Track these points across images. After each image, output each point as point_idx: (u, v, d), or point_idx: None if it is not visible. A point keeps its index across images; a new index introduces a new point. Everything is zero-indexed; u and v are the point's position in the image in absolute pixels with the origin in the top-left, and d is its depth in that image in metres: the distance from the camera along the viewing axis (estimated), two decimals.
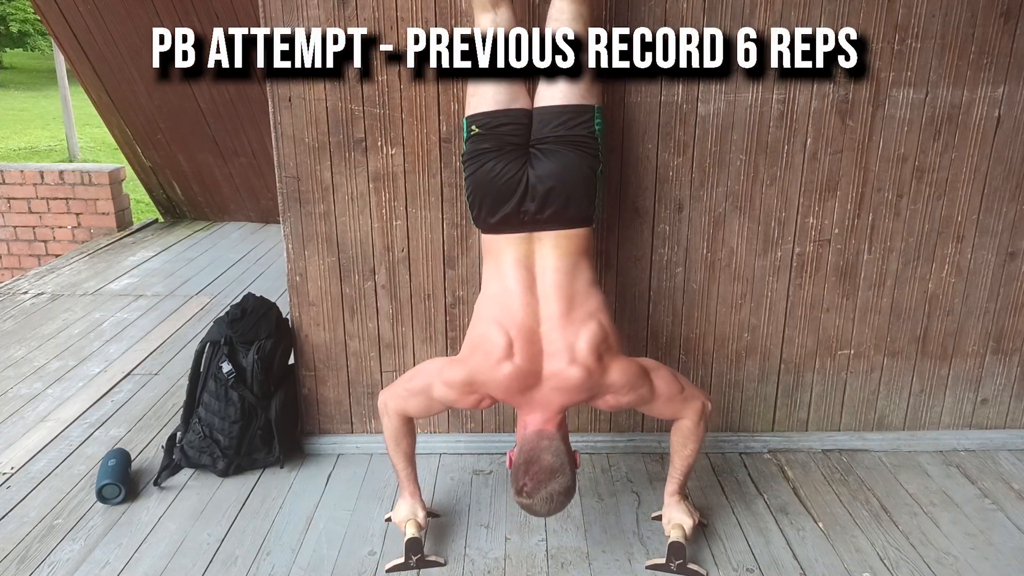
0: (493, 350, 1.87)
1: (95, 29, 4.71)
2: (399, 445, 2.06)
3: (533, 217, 1.91)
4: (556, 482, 1.81)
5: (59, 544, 2.12)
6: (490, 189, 1.92)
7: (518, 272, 1.92)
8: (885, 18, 2.15)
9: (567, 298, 1.89)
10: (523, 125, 1.94)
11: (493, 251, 1.98)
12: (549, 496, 1.81)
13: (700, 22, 2.14)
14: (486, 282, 2.00)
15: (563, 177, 1.89)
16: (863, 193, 2.31)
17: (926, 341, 2.47)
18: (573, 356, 1.85)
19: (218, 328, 2.45)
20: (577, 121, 1.92)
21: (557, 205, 1.89)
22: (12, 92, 18.63)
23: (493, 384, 1.90)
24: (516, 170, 1.90)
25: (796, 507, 2.27)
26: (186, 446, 2.42)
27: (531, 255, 1.93)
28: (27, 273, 4.66)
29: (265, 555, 2.07)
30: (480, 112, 1.95)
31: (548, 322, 1.88)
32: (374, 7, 2.13)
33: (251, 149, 5.20)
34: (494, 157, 1.92)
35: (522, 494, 1.82)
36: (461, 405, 1.98)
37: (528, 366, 1.87)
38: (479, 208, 1.96)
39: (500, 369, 1.86)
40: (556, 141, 1.91)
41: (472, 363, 1.92)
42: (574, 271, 1.92)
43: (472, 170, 1.95)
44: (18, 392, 3.05)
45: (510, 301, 1.90)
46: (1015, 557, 2.06)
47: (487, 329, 1.90)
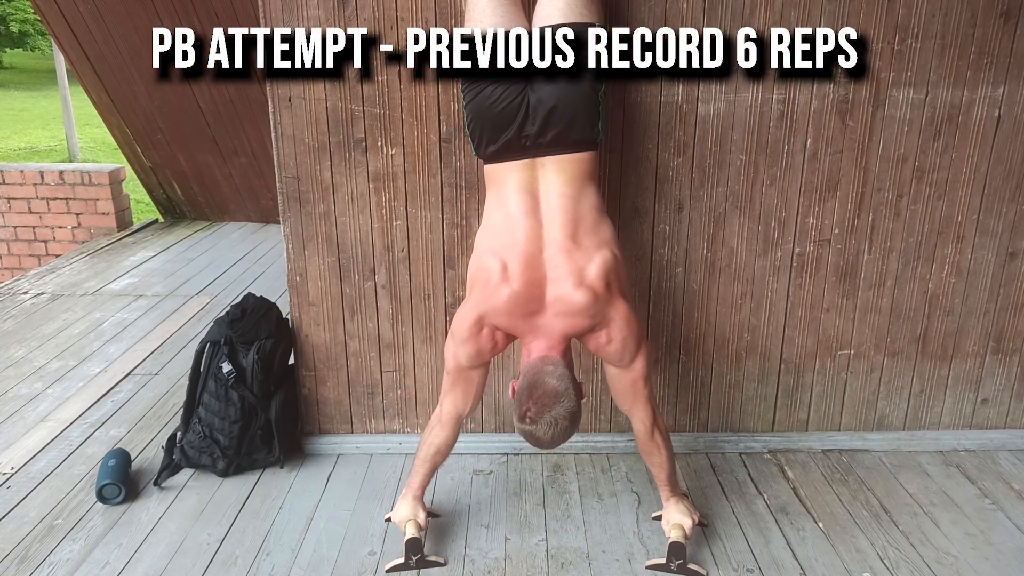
0: (489, 277, 1.85)
1: (95, 29, 4.71)
2: (438, 455, 2.07)
3: (535, 141, 1.86)
4: (560, 406, 1.75)
5: (59, 544, 2.12)
6: (490, 115, 1.87)
7: (521, 198, 1.88)
8: (885, 18, 2.15)
9: (572, 222, 1.86)
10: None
11: (495, 180, 1.94)
12: (553, 420, 1.75)
13: (700, 22, 2.14)
14: (487, 212, 1.96)
15: (565, 97, 1.84)
16: (863, 193, 2.31)
17: (926, 341, 2.47)
18: (580, 279, 1.82)
19: (218, 328, 2.45)
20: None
21: (559, 127, 1.85)
22: (12, 92, 18.64)
23: (495, 311, 1.86)
24: (516, 94, 1.85)
25: (796, 507, 2.27)
26: (186, 446, 2.42)
27: (535, 181, 1.89)
28: (27, 273, 4.66)
29: (265, 555, 2.07)
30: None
31: (552, 246, 1.85)
32: (374, 7, 2.13)
33: (251, 149, 5.20)
34: (493, 82, 1.87)
35: (525, 420, 1.77)
36: (485, 353, 1.92)
37: (528, 290, 1.83)
38: (479, 136, 1.92)
39: (499, 293, 1.83)
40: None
41: (472, 299, 1.90)
42: (579, 196, 1.88)
43: (471, 97, 1.91)
44: (18, 392, 3.04)
45: (513, 227, 1.86)
46: (1015, 557, 2.06)
47: (481, 259, 1.88)
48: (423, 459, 2.07)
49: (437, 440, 2.05)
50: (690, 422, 2.55)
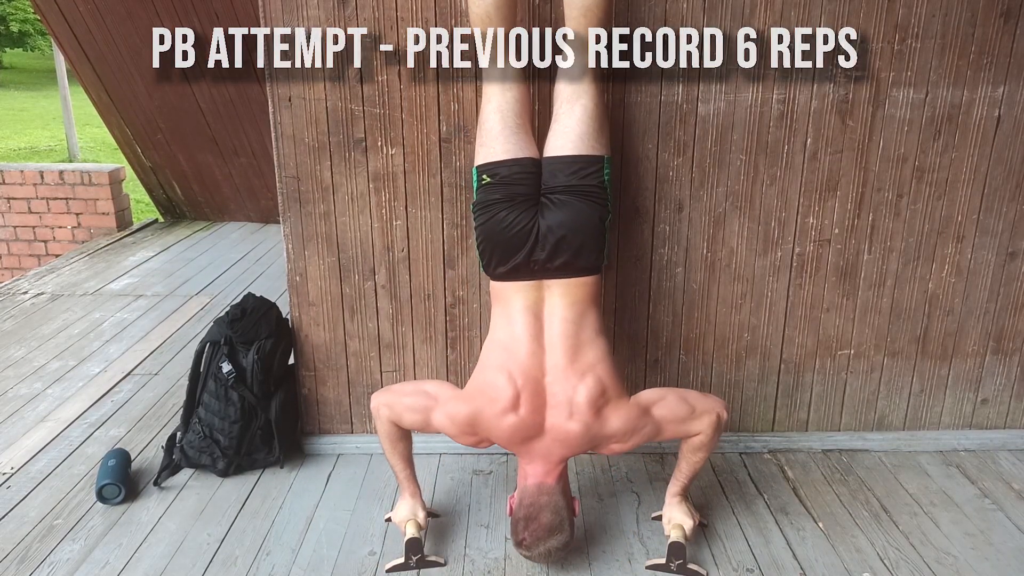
0: (499, 398, 1.90)
1: (95, 29, 4.71)
2: (395, 448, 2.07)
3: (543, 266, 1.93)
4: (554, 539, 1.89)
5: (59, 544, 2.12)
6: (501, 239, 1.94)
7: (526, 319, 1.94)
8: (885, 18, 2.15)
9: (572, 348, 1.91)
10: (532, 174, 1.96)
11: (502, 298, 1.99)
12: (548, 552, 1.90)
13: (700, 22, 2.14)
14: (494, 328, 2.01)
15: (574, 227, 1.91)
16: (863, 193, 2.31)
17: (926, 341, 2.47)
18: (571, 411, 1.89)
19: (218, 328, 2.45)
20: (587, 172, 1.94)
21: (567, 255, 1.92)
22: (12, 92, 18.63)
23: (496, 432, 1.93)
24: (527, 220, 1.92)
25: (796, 507, 2.27)
26: (186, 446, 2.42)
27: (540, 302, 1.95)
28: (27, 273, 4.66)
29: (265, 555, 2.07)
30: (490, 162, 1.97)
31: (552, 373, 1.91)
32: (374, 7, 2.13)
33: (251, 149, 5.20)
34: (506, 207, 1.93)
35: (521, 547, 1.92)
36: (458, 440, 2.01)
37: (532, 418, 1.90)
38: (490, 257, 1.98)
39: (505, 420, 1.90)
40: (567, 191, 1.93)
41: (477, 406, 1.94)
42: (581, 320, 1.94)
43: (483, 220, 1.97)
44: (18, 392, 3.04)
45: (517, 349, 1.92)
46: (1015, 557, 2.06)
47: (495, 377, 1.92)
48: (390, 455, 2.08)
49: (384, 432, 2.05)
50: None
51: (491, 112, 1.98)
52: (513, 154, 1.95)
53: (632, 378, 2.46)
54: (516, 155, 1.95)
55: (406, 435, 2.08)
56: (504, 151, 1.95)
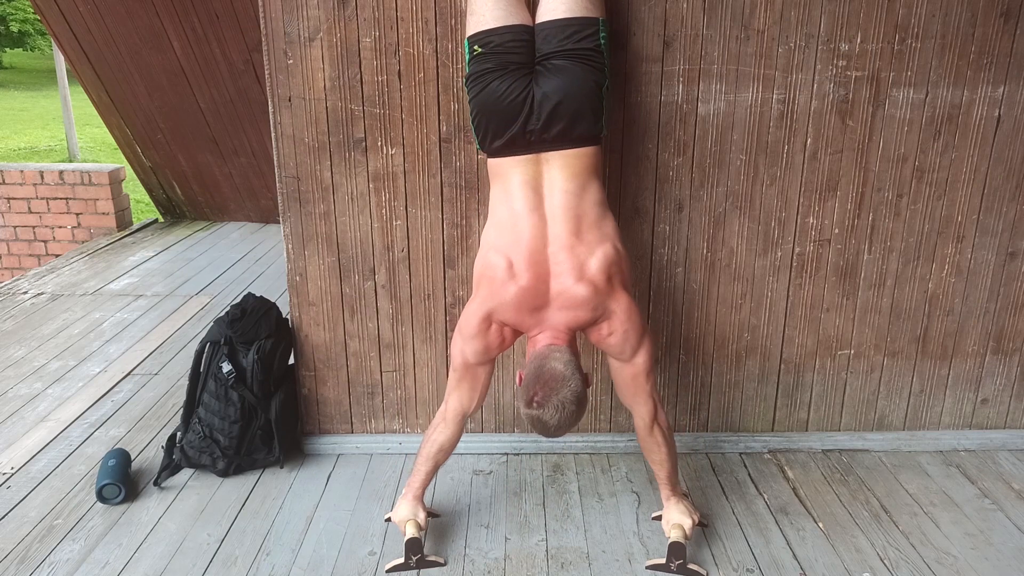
0: (496, 274, 1.88)
1: (95, 29, 4.70)
2: (441, 453, 2.07)
3: (539, 136, 1.88)
4: (567, 389, 1.77)
5: (59, 544, 2.12)
6: (495, 110, 1.88)
7: (525, 193, 1.90)
8: (885, 18, 2.15)
9: (575, 218, 1.88)
10: (525, 41, 1.90)
11: (499, 175, 1.95)
12: (560, 404, 1.76)
13: (700, 22, 2.14)
14: (492, 207, 1.98)
15: (569, 93, 1.86)
16: (863, 193, 2.31)
17: (926, 341, 2.47)
18: (581, 273, 1.85)
19: (218, 328, 2.45)
20: (583, 34, 1.88)
21: (564, 122, 1.87)
22: (12, 92, 18.63)
23: (502, 307, 1.89)
24: (521, 89, 1.86)
25: (796, 507, 2.27)
26: (186, 446, 2.42)
27: (539, 176, 1.91)
28: (27, 273, 4.66)
29: (265, 555, 2.07)
30: (481, 30, 1.91)
31: (555, 242, 1.88)
32: (374, 7, 2.13)
33: (251, 149, 5.20)
34: (498, 76, 1.88)
35: (532, 405, 1.77)
36: (493, 350, 1.96)
37: (534, 285, 1.87)
38: (484, 131, 1.93)
39: (506, 290, 1.87)
40: (561, 56, 1.87)
41: (479, 296, 1.93)
42: (582, 191, 1.90)
43: (476, 91, 1.91)
44: (18, 392, 3.04)
45: (517, 223, 1.89)
46: (1015, 557, 2.06)
47: (487, 257, 1.91)
48: (426, 457, 2.07)
49: (441, 438, 2.05)
50: (690, 422, 2.55)
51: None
52: (504, 21, 1.89)
53: None
54: (508, 22, 1.89)
55: (455, 445, 2.08)
56: (495, 18, 1.89)
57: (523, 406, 1.81)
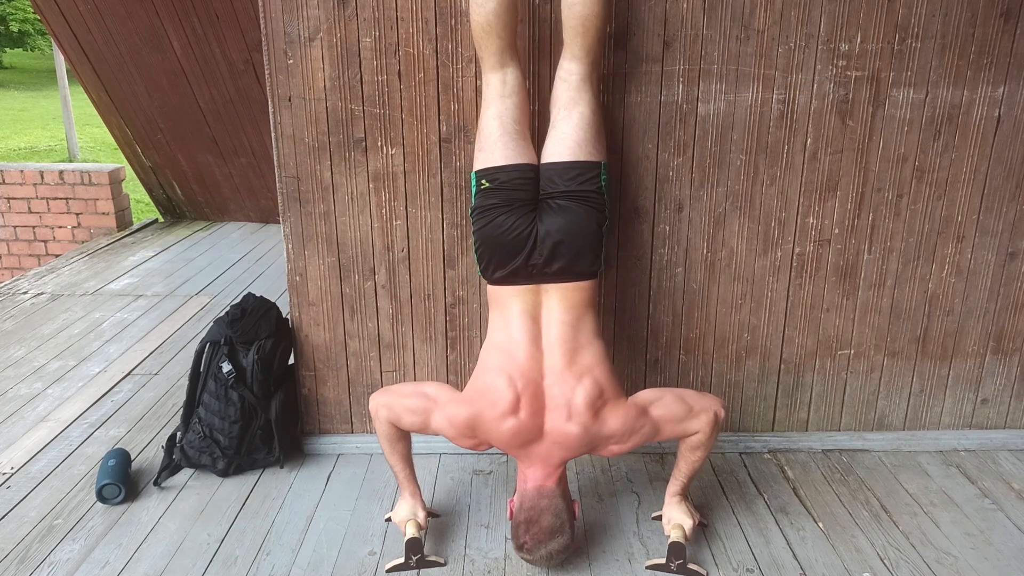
0: (499, 402, 1.90)
1: (95, 29, 4.71)
2: (395, 448, 2.07)
3: (541, 270, 1.94)
4: (555, 542, 1.90)
5: (59, 544, 2.12)
6: (500, 244, 1.94)
7: (524, 323, 1.95)
8: (885, 18, 2.15)
9: (570, 351, 1.92)
10: (531, 180, 1.97)
11: (499, 302, 2.00)
12: (549, 555, 1.91)
13: (700, 22, 2.14)
14: (491, 331, 2.02)
15: (571, 232, 1.92)
16: (863, 193, 2.31)
17: (926, 341, 2.47)
18: (570, 413, 1.89)
19: (218, 328, 2.45)
20: (585, 177, 1.95)
21: (565, 260, 1.93)
22: (12, 92, 18.63)
23: (496, 436, 1.94)
24: (526, 225, 1.93)
25: (796, 507, 2.27)
26: (186, 446, 2.42)
27: (537, 307, 1.96)
28: (27, 273, 4.66)
29: (265, 555, 2.07)
30: (489, 167, 1.97)
31: (551, 375, 1.92)
32: (374, 7, 2.13)
33: (251, 149, 5.20)
34: (504, 212, 1.94)
35: (523, 550, 1.93)
36: (456, 443, 2.01)
37: (531, 421, 1.91)
38: (487, 262, 1.99)
39: (504, 423, 1.90)
40: (565, 196, 1.94)
41: (477, 408, 1.94)
42: (578, 324, 1.95)
43: (481, 224, 1.98)
44: (18, 392, 3.05)
45: (516, 352, 1.93)
46: (1015, 557, 2.06)
47: (495, 380, 1.92)
48: (390, 455, 2.08)
49: (383, 431, 2.06)
50: None
51: (490, 118, 1.99)
52: (512, 160, 1.96)
53: (632, 378, 2.46)
54: (515, 160, 1.96)
55: (405, 436, 2.08)
56: (503, 156, 1.96)
57: (513, 546, 1.96)
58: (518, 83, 1.99)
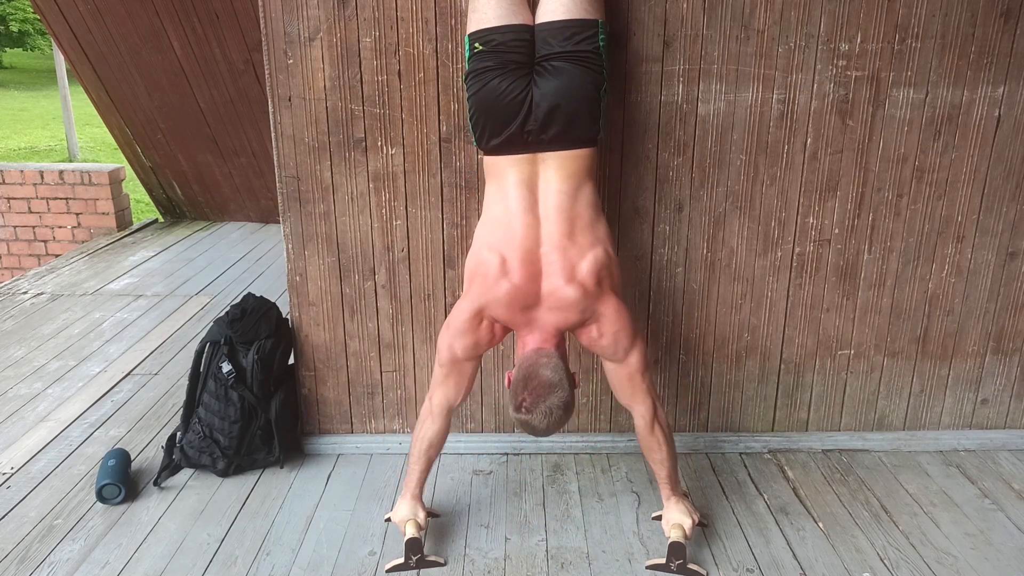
0: (489, 271, 1.90)
1: (95, 29, 4.70)
2: (431, 449, 2.07)
3: (537, 137, 1.89)
4: (555, 396, 1.81)
5: (59, 544, 2.12)
6: (494, 109, 1.89)
7: (520, 192, 1.91)
8: (885, 18, 2.15)
9: (568, 220, 1.90)
10: (525, 41, 1.90)
11: (495, 173, 1.96)
12: (548, 410, 1.81)
13: (700, 22, 2.14)
14: (487, 204, 1.99)
15: (568, 95, 1.87)
16: (863, 193, 2.31)
17: (926, 341, 2.47)
18: (572, 275, 1.88)
19: (218, 328, 2.45)
20: (582, 36, 1.88)
21: (561, 124, 1.88)
22: (12, 92, 18.62)
23: (495, 303, 1.91)
24: (520, 89, 1.87)
25: (796, 507, 2.27)
26: (186, 446, 2.42)
27: (534, 176, 1.92)
28: (27, 273, 4.66)
29: (265, 555, 2.07)
30: (482, 28, 1.91)
31: (548, 243, 1.90)
32: (374, 7, 2.13)
33: (251, 149, 5.20)
34: (498, 75, 1.88)
35: (521, 409, 1.82)
36: (483, 346, 1.98)
37: (526, 284, 1.89)
38: (482, 129, 1.93)
39: (499, 287, 1.89)
40: (561, 57, 1.88)
41: (472, 291, 1.94)
42: (577, 193, 1.91)
43: (475, 89, 1.92)
44: (18, 392, 3.04)
45: (511, 222, 1.91)
46: (1015, 557, 2.06)
47: (480, 254, 1.93)
48: (417, 455, 2.08)
49: (429, 433, 2.05)
50: (690, 422, 2.55)
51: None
52: (506, 20, 1.89)
53: None
54: (509, 21, 1.89)
55: (444, 438, 2.08)
56: (497, 16, 1.89)
57: (512, 409, 1.85)
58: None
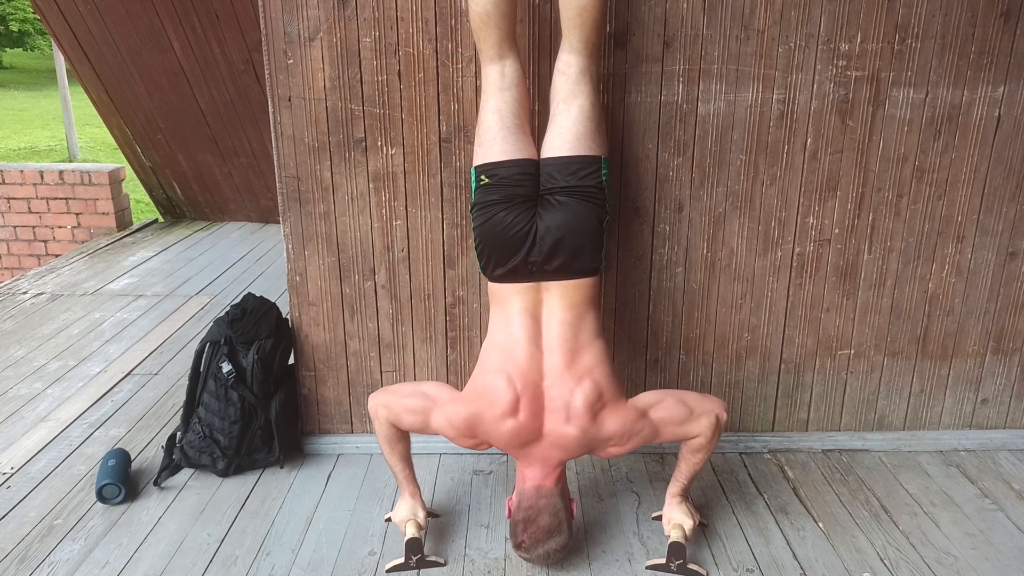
0: (499, 402, 1.89)
1: (95, 29, 4.71)
2: (394, 449, 2.07)
3: (541, 267, 1.92)
4: (553, 541, 1.92)
5: (59, 544, 2.12)
6: (500, 240, 1.93)
7: (524, 321, 1.93)
8: (885, 18, 2.15)
9: (570, 352, 1.91)
10: (530, 175, 1.95)
11: (500, 300, 1.99)
12: (546, 554, 1.93)
13: (700, 22, 2.14)
14: (492, 330, 2.01)
15: (572, 228, 1.91)
16: (863, 193, 2.31)
17: (926, 341, 2.47)
18: (568, 415, 1.89)
19: (218, 328, 2.45)
20: (585, 172, 1.93)
21: (565, 257, 1.91)
22: (12, 92, 18.62)
23: (495, 436, 1.94)
24: (525, 221, 1.91)
25: (796, 507, 2.27)
26: (186, 446, 2.42)
27: (538, 305, 1.95)
28: (27, 273, 4.66)
29: (265, 555, 2.07)
30: (488, 162, 1.96)
31: (551, 376, 1.91)
32: (374, 7, 2.13)
33: (251, 149, 5.20)
34: (504, 208, 1.93)
35: (520, 549, 1.94)
36: (456, 443, 2.01)
37: (530, 422, 1.90)
38: (487, 259, 1.97)
39: (504, 424, 1.90)
40: (565, 192, 1.92)
41: (477, 408, 1.93)
42: (579, 323, 1.93)
43: (481, 221, 1.96)
44: (18, 392, 3.05)
45: (516, 351, 1.92)
46: (1015, 557, 2.06)
47: (495, 380, 1.91)
48: (390, 457, 2.08)
49: (383, 433, 2.06)
50: None
51: (489, 112, 1.97)
52: (512, 155, 1.94)
53: (632, 378, 2.46)
54: (515, 156, 1.94)
55: (404, 436, 2.08)
56: (503, 152, 1.94)
57: (512, 543, 1.97)
58: (517, 76, 1.97)
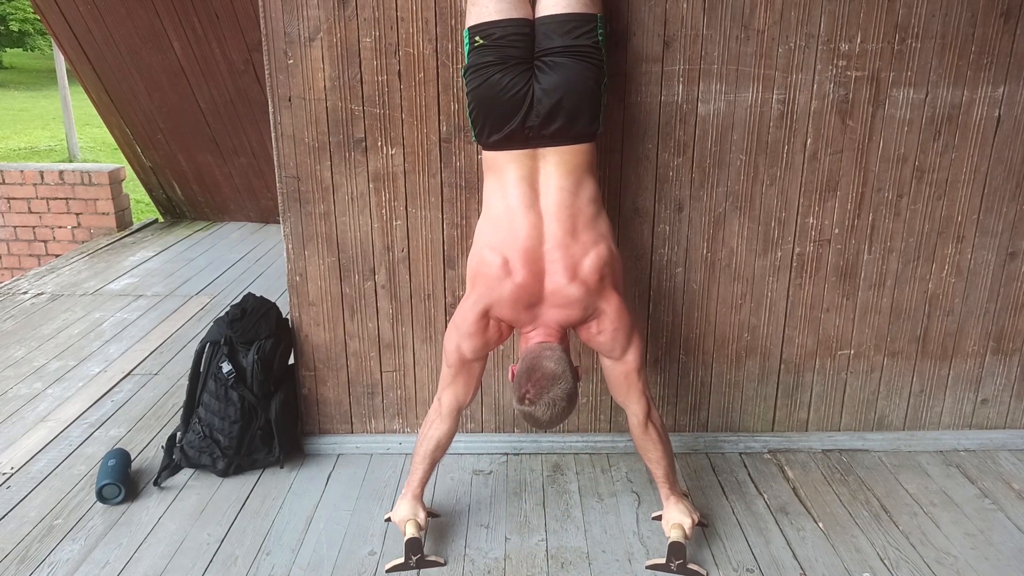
0: (491, 271, 1.90)
1: (95, 29, 4.70)
2: (438, 450, 2.07)
3: (538, 133, 1.88)
4: (558, 387, 1.81)
5: (59, 544, 2.12)
6: (495, 104, 1.88)
7: (521, 189, 1.91)
8: (885, 18, 2.15)
9: (570, 216, 1.89)
10: (526, 35, 1.89)
11: (495, 169, 1.95)
12: (551, 402, 1.80)
13: (700, 22, 2.14)
14: (487, 202, 1.98)
15: (569, 90, 1.86)
16: (863, 193, 2.31)
17: (926, 341, 2.47)
18: (574, 273, 1.88)
19: (218, 328, 2.45)
20: (581, 30, 1.87)
21: (563, 120, 1.87)
22: (12, 92, 18.62)
23: (499, 303, 1.91)
24: (522, 84, 1.86)
25: (796, 507, 2.27)
26: (186, 446, 2.42)
27: (534, 172, 1.91)
28: (27, 273, 4.66)
29: (265, 555, 2.07)
30: (482, 22, 1.90)
31: (551, 240, 1.89)
32: (374, 7, 2.13)
33: (251, 149, 5.20)
34: (499, 70, 1.87)
35: (524, 401, 1.82)
36: (491, 345, 1.98)
37: (529, 283, 1.89)
38: (482, 124, 1.92)
39: (502, 287, 1.89)
40: (561, 52, 1.87)
41: (476, 292, 1.94)
42: (578, 188, 1.91)
43: (475, 84, 1.91)
44: (18, 392, 3.04)
45: (513, 220, 1.90)
46: (1015, 557, 2.06)
47: (482, 253, 1.93)
48: (423, 456, 2.08)
49: (437, 434, 2.06)
50: (690, 422, 2.55)
51: None
52: (507, 13, 1.88)
53: None
54: (510, 15, 1.88)
55: (450, 440, 2.08)
56: (498, 11, 1.88)
57: (515, 401, 1.85)
58: None
